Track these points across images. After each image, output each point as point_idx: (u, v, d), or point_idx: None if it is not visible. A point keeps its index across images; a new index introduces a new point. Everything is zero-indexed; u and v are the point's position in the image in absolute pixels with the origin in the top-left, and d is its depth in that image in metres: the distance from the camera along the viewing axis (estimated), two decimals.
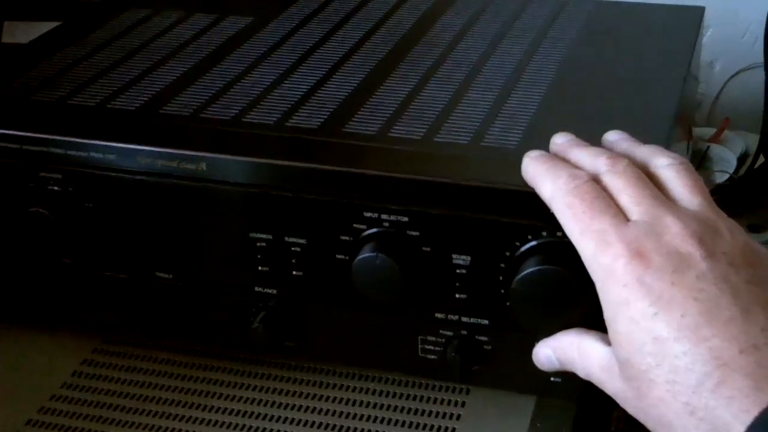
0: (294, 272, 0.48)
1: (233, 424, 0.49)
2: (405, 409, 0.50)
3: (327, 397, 0.51)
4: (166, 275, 0.50)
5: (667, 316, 0.35)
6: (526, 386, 0.48)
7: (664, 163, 0.41)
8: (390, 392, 0.51)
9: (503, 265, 0.44)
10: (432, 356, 0.48)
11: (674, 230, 0.37)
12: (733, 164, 0.76)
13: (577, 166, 0.42)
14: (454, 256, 0.45)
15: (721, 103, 0.87)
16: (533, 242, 0.43)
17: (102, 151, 0.48)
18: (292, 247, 0.47)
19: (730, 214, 0.40)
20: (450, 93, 0.53)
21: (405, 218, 0.45)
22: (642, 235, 0.37)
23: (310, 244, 0.47)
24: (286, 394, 0.51)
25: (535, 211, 0.42)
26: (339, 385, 0.52)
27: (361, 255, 0.45)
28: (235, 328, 0.50)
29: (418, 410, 0.50)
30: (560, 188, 0.40)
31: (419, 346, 0.48)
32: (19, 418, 0.50)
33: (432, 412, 0.49)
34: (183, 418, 0.50)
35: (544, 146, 0.45)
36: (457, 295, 0.46)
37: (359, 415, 0.50)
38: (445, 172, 0.45)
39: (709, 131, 0.80)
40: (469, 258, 0.45)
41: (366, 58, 0.58)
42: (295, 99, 0.52)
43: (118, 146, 0.48)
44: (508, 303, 0.44)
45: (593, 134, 0.45)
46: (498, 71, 0.56)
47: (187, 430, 0.49)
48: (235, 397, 0.51)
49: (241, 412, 0.50)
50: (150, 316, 0.52)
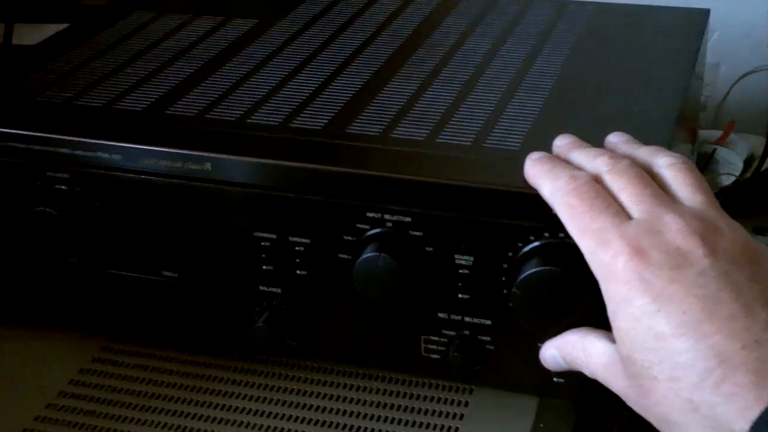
0: (298, 272, 0.48)
1: (237, 422, 0.50)
2: (408, 408, 0.50)
3: (329, 396, 0.51)
4: (171, 274, 0.51)
5: (668, 313, 0.35)
6: (528, 386, 0.49)
7: (665, 162, 0.41)
8: (393, 391, 0.51)
9: (505, 266, 0.45)
10: (435, 356, 0.48)
11: (675, 227, 0.37)
12: (739, 167, 0.75)
13: (579, 167, 0.42)
14: (456, 256, 0.45)
15: (727, 105, 0.86)
16: (535, 243, 0.44)
17: (108, 151, 0.48)
18: (296, 247, 0.48)
19: (736, 217, 0.40)
20: (453, 95, 0.53)
21: (408, 219, 0.45)
22: (642, 233, 0.37)
23: (313, 244, 0.47)
24: (290, 392, 0.51)
25: (537, 213, 0.42)
26: (341, 384, 0.52)
27: (364, 255, 0.45)
28: (239, 327, 0.51)
29: (421, 410, 0.50)
30: (561, 188, 0.40)
31: (422, 345, 0.49)
32: (26, 415, 0.50)
33: (435, 412, 0.49)
34: (188, 415, 0.50)
35: (547, 148, 0.45)
36: (460, 296, 0.46)
37: (362, 414, 0.50)
38: (448, 174, 0.45)
39: (714, 134, 0.80)
40: (472, 258, 0.45)
41: (369, 60, 0.58)
42: (300, 100, 0.53)
43: (125, 146, 0.48)
44: (510, 305, 0.44)
45: (595, 136, 0.45)
46: (501, 73, 0.56)
47: (192, 427, 0.49)
48: (239, 395, 0.51)
49: (245, 410, 0.50)
50: (155, 315, 0.52)
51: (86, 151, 0.49)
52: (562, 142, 0.45)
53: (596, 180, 0.40)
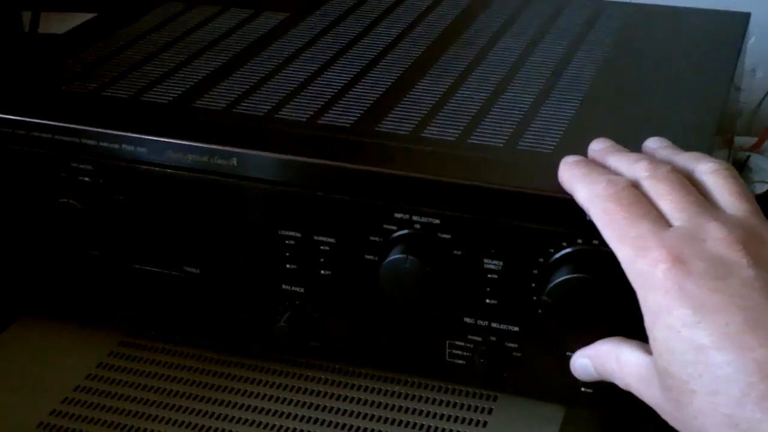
0: (322, 271, 0.47)
1: (256, 422, 0.49)
2: (429, 413, 0.49)
3: (351, 399, 0.50)
4: (193, 270, 0.50)
5: (709, 325, 0.34)
6: (555, 395, 0.48)
7: (708, 168, 0.40)
8: (416, 396, 0.50)
9: (536, 272, 0.44)
10: (460, 361, 0.48)
11: (717, 236, 0.36)
12: None
13: (616, 172, 0.41)
14: (485, 260, 0.44)
15: (762, 111, 0.85)
16: (567, 249, 0.43)
17: (134, 144, 0.48)
18: (321, 246, 0.47)
19: None
20: (486, 94, 0.52)
21: (436, 221, 0.44)
22: (683, 241, 0.36)
23: (339, 244, 0.46)
24: (310, 393, 0.51)
25: (571, 218, 0.41)
26: (363, 387, 0.51)
27: (391, 257, 0.44)
28: (261, 326, 0.50)
29: (444, 415, 0.49)
30: (598, 194, 0.39)
31: (447, 350, 0.48)
32: (44, 409, 0.50)
33: (458, 418, 0.49)
34: (206, 413, 0.50)
35: (581, 151, 0.44)
36: (488, 301, 0.45)
37: (383, 418, 0.49)
38: (479, 176, 0.44)
39: (749, 140, 0.79)
40: (501, 263, 0.44)
41: (401, 56, 0.57)
42: (329, 97, 0.52)
43: (150, 139, 0.48)
44: (540, 312, 0.43)
45: (632, 141, 0.44)
46: (535, 73, 0.55)
47: (210, 426, 0.49)
48: (259, 395, 0.51)
49: (264, 410, 0.50)
50: (176, 311, 0.52)
51: (111, 143, 0.48)
52: (599, 146, 0.44)
53: (635, 186, 0.39)
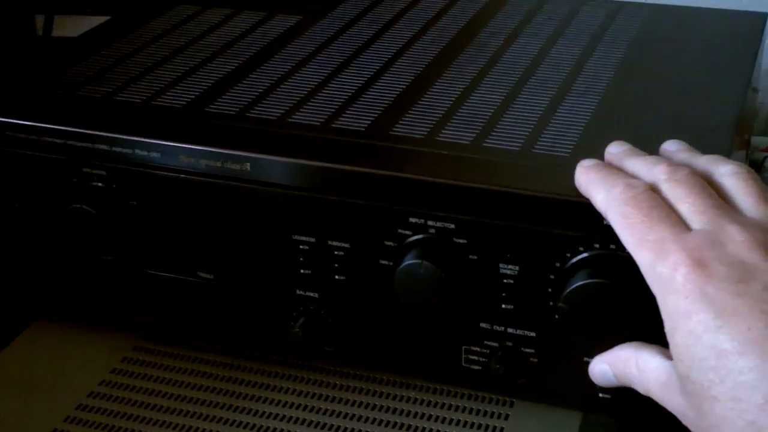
0: (336, 276, 0.47)
1: (270, 428, 0.49)
2: (445, 419, 0.49)
3: (365, 404, 0.50)
4: (207, 275, 0.50)
5: (732, 330, 0.33)
6: (572, 401, 0.47)
7: (727, 171, 0.40)
8: (430, 402, 0.50)
9: (552, 277, 0.43)
10: (476, 367, 0.47)
11: (739, 239, 0.35)
12: None
13: (634, 176, 0.40)
14: (501, 265, 0.44)
15: None
16: (584, 254, 0.42)
17: (147, 149, 0.48)
18: (335, 251, 0.46)
19: None
20: (501, 97, 0.52)
21: (452, 225, 0.44)
22: (704, 244, 0.36)
23: (353, 249, 0.46)
24: (325, 399, 0.50)
25: (588, 222, 0.41)
26: (378, 393, 0.51)
27: (406, 262, 0.44)
28: (275, 332, 0.50)
29: (460, 421, 0.49)
30: (616, 198, 0.39)
31: (463, 356, 0.47)
32: (58, 415, 0.50)
33: (473, 424, 0.48)
34: (220, 419, 0.49)
35: (598, 155, 0.43)
36: (504, 306, 0.45)
37: (398, 424, 0.49)
38: (495, 179, 0.43)
39: (765, 141, 0.78)
40: (517, 268, 0.44)
41: (415, 59, 0.57)
42: (342, 100, 0.52)
43: (163, 144, 0.47)
44: (557, 317, 0.42)
45: (650, 144, 0.44)
46: (551, 76, 0.54)
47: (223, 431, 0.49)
48: (273, 401, 0.50)
49: (279, 416, 0.49)
50: (190, 316, 0.52)
51: (124, 148, 0.48)
52: (617, 150, 0.43)
53: (653, 189, 0.39)
